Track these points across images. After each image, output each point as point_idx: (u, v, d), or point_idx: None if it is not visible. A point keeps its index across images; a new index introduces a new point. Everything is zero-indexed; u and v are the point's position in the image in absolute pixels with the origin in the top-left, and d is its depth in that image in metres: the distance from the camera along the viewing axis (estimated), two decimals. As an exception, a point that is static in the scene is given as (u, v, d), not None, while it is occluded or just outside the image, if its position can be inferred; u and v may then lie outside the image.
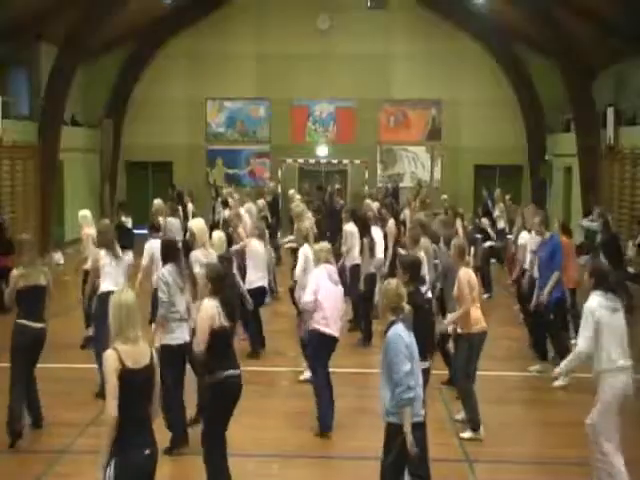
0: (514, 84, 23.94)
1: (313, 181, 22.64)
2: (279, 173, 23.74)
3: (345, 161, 24.14)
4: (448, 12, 23.69)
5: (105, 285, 8.70)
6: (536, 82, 23.29)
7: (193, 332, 6.89)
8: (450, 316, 8.15)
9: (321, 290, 7.71)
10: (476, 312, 7.84)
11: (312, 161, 24.37)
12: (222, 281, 6.17)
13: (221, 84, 24.52)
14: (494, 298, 14.28)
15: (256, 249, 10.52)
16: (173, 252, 7.35)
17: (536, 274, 9.96)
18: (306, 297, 7.89)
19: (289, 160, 24.03)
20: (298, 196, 16.39)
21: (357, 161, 24.00)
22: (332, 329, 7.77)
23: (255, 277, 10.41)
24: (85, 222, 11.09)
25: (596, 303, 6.13)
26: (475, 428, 7.59)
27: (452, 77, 24.14)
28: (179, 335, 7.11)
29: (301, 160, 24.27)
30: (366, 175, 23.83)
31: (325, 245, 8.25)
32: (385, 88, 24.46)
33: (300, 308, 8.39)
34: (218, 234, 9.93)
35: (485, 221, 15.20)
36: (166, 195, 18.61)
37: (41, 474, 6.53)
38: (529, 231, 10.82)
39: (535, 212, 10.96)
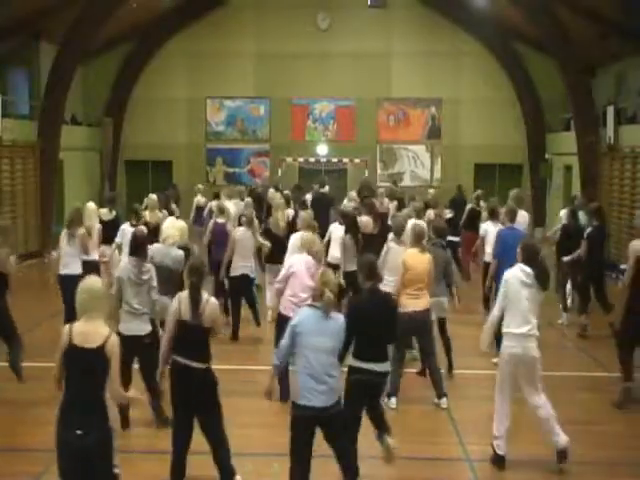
0: (514, 83, 23.95)
1: (313, 179, 22.30)
2: (279, 172, 23.72)
3: (345, 160, 24.13)
4: (448, 11, 23.69)
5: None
6: (536, 81, 23.29)
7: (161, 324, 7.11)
8: None
9: (292, 270, 7.96)
10: (405, 296, 7.94)
11: (312, 160, 24.37)
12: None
13: (221, 83, 24.53)
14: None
15: (240, 237, 10.66)
16: (141, 246, 7.38)
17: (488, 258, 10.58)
18: (278, 279, 8.20)
19: (289, 159, 24.03)
20: (278, 194, 16.06)
21: (357, 160, 23.99)
22: (289, 312, 7.66)
23: (238, 264, 10.63)
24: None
25: (511, 274, 6.53)
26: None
27: (452, 76, 24.14)
28: (126, 326, 7.14)
29: (301, 159, 24.26)
30: (366, 174, 23.81)
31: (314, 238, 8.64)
32: (385, 87, 24.46)
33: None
34: (180, 225, 10.21)
35: (446, 212, 14.97)
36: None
37: (41, 473, 6.51)
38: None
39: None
